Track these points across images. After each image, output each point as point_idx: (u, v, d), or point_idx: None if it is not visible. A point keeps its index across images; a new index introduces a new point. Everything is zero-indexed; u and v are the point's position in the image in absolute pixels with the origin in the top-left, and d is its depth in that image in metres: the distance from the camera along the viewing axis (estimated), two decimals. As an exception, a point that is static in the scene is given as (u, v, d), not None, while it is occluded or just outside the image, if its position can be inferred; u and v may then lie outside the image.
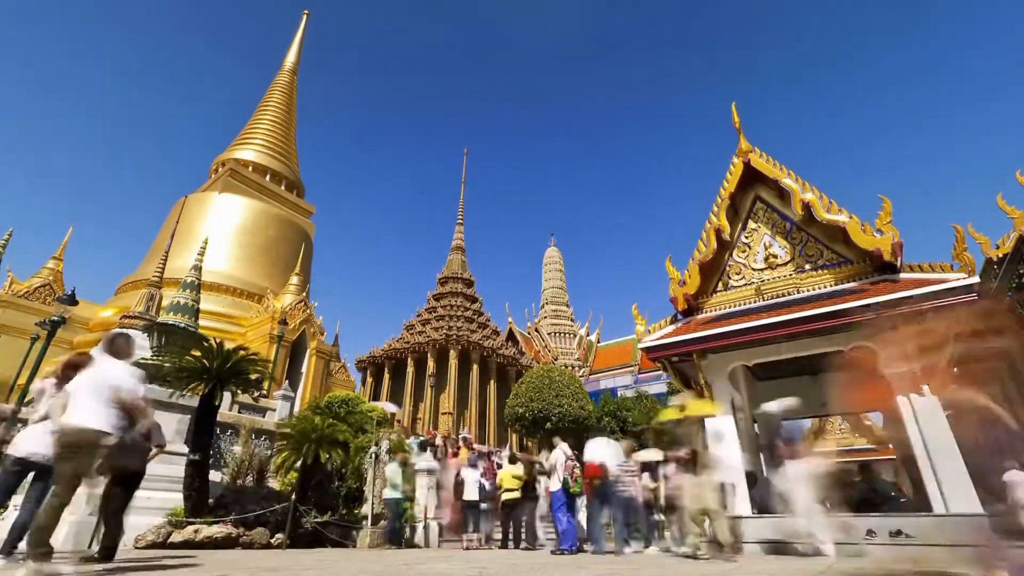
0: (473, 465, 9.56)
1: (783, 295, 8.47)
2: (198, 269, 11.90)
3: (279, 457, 10.17)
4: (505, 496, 8.76)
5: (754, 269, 9.14)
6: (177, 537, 7.09)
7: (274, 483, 10.49)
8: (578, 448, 7.72)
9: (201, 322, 12.17)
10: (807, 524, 5.91)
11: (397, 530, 8.53)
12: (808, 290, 8.29)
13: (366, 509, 9.21)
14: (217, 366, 8.37)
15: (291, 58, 52.82)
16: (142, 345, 17.02)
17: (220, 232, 35.85)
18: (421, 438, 12.40)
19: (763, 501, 8.46)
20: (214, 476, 9.21)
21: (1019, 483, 4.71)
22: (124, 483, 4.49)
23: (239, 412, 15.56)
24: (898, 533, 6.45)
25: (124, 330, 6.37)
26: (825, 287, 8.15)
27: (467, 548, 8.58)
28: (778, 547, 6.66)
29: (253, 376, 9.65)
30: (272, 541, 7.87)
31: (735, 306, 8.94)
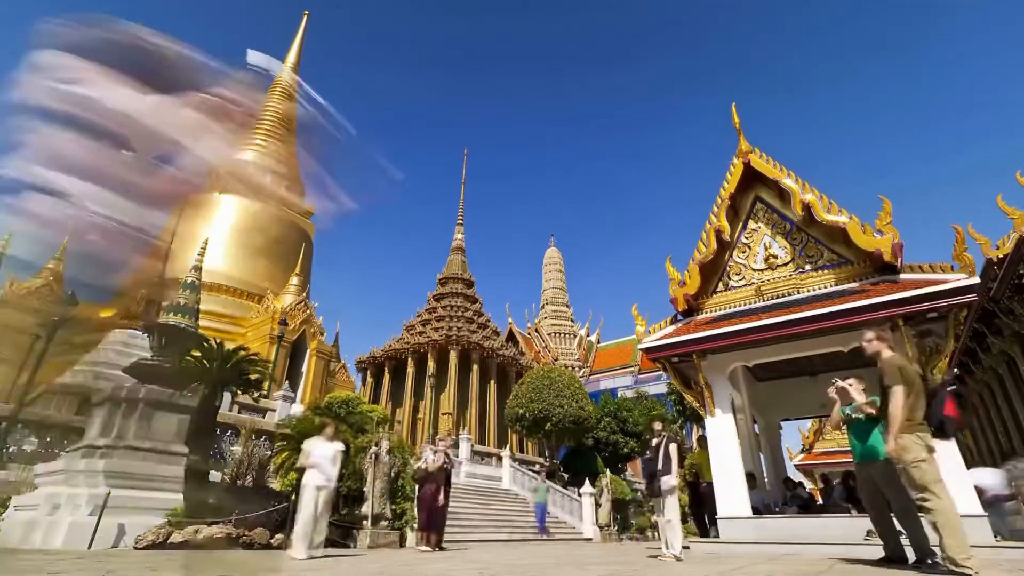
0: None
1: (783, 295, 8.47)
2: (198, 270, 11.88)
3: (279, 457, 10.18)
4: None
5: (754, 270, 9.14)
6: (177, 537, 7.09)
7: (274, 483, 10.50)
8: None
9: (201, 322, 12.14)
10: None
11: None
12: (808, 291, 8.29)
13: (366, 509, 9.22)
14: (217, 367, 8.38)
15: (291, 59, 52.84)
16: (142, 345, 17.02)
17: (220, 232, 35.88)
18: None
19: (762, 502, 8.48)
20: (214, 476, 9.22)
21: None
22: None
23: (239, 412, 15.59)
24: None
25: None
26: (825, 287, 8.15)
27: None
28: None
29: (253, 377, 9.66)
30: (272, 541, 7.87)
31: (735, 306, 8.94)
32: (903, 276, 7.38)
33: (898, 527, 4.46)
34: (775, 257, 8.96)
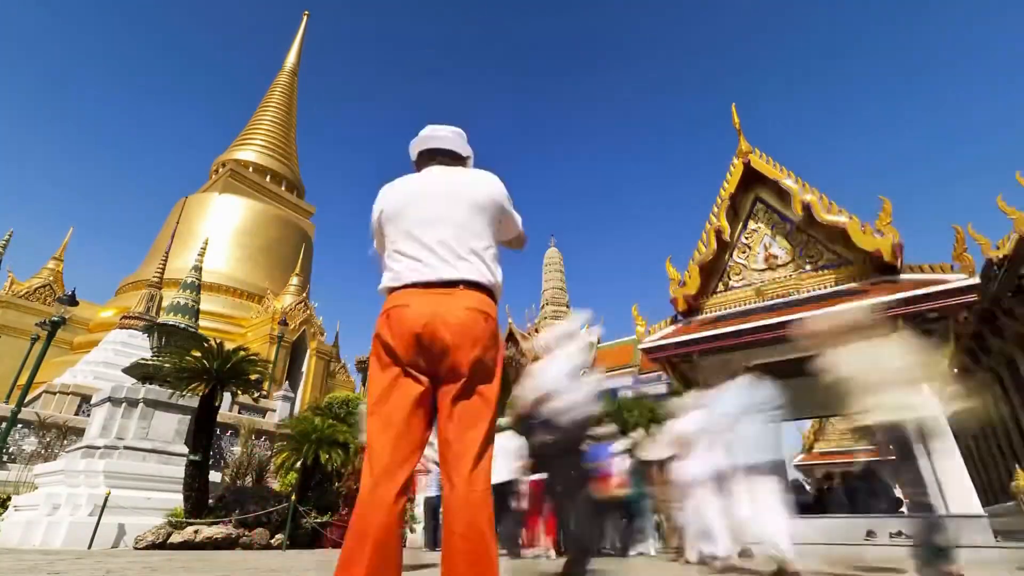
0: None
1: (783, 296, 8.47)
2: (198, 270, 11.90)
3: (279, 457, 10.19)
4: None
5: (754, 270, 9.14)
6: (177, 538, 7.08)
7: (274, 483, 10.51)
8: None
9: (201, 322, 12.17)
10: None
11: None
12: (808, 291, 8.29)
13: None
14: (217, 367, 8.36)
15: (291, 59, 52.86)
16: (142, 345, 17.03)
17: (220, 233, 35.86)
18: None
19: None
20: (214, 476, 9.21)
21: None
22: None
23: (239, 412, 15.59)
24: (898, 534, 6.45)
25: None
26: (826, 288, 8.15)
27: None
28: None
29: (253, 377, 9.64)
30: (272, 541, 7.87)
31: (735, 307, 8.94)
32: (903, 276, 7.37)
33: None
34: (775, 257, 8.96)
